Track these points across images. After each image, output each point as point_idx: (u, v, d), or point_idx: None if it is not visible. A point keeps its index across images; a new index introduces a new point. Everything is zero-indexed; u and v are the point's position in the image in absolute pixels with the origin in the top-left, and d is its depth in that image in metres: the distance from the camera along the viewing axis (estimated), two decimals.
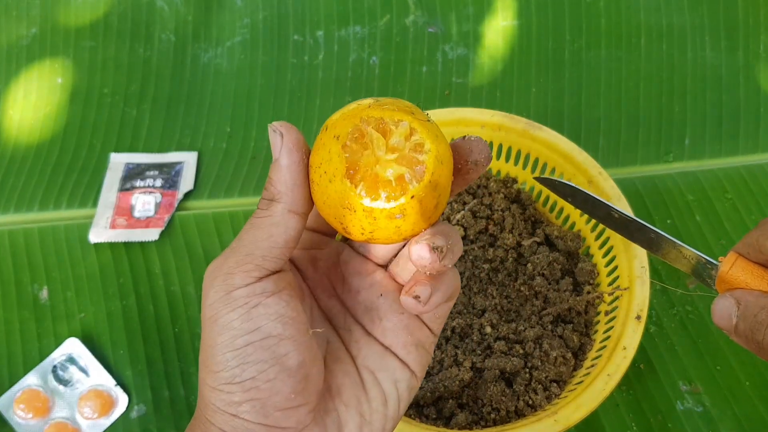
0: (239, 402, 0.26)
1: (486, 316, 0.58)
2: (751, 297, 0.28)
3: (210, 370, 0.26)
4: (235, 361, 0.26)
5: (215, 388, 0.26)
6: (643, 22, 0.80)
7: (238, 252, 0.27)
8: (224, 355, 0.26)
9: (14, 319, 0.65)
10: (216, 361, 0.26)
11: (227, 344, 0.26)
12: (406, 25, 0.81)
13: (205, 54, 0.80)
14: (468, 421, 0.53)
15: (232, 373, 0.26)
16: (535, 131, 0.60)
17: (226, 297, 0.26)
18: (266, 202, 0.27)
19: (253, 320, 0.26)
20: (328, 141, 0.26)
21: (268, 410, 0.26)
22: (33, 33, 0.80)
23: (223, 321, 0.26)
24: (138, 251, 0.68)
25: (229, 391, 0.26)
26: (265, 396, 0.26)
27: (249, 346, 0.26)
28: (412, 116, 0.26)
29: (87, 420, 0.60)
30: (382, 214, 0.25)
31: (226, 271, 0.27)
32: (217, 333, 0.27)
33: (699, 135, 0.77)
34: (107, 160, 0.74)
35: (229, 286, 0.26)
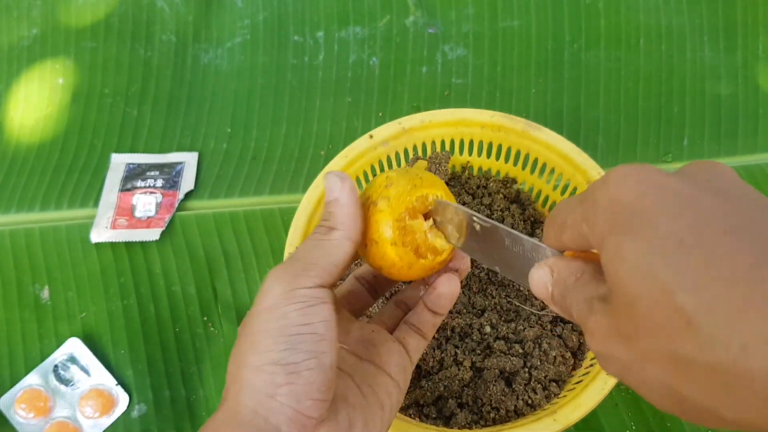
0: (280, 384, 0.29)
1: (486, 316, 0.58)
2: (562, 263, 0.28)
3: (257, 352, 0.30)
4: (285, 345, 0.30)
5: (260, 368, 0.30)
6: (642, 22, 0.80)
7: (302, 261, 0.32)
8: (276, 338, 0.30)
9: (15, 318, 0.65)
10: (266, 343, 0.30)
11: (281, 330, 0.30)
12: (406, 25, 0.81)
13: (205, 54, 0.80)
14: (468, 421, 0.54)
15: (280, 356, 0.30)
16: (535, 132, 0.60)
17: (290, 293, 0.31)
18: (326, 230, 0.34)
19: (307, 316, 0.30)
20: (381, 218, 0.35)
21: (302, 397, 0.29)
22: (34, 33, 0.80)
23: (282, 311, 0.30)
24: (139, 251, 0.68)
25: (273, 372, 0.29)
26: (302, 383, 0.29)
27: (299, 336, 0.30)
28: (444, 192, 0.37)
29: (88, 419, 0.61)
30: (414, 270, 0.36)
31: (293, 273, 0.31)
32: (273, 320, 0.30)
33: (698, 135, 0.77)
34: (108, 160, 0.75)
35: (293, 285, 0.31)
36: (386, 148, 0.62)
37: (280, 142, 0.76)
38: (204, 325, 0.65)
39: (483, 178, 0.66)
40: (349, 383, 0.34)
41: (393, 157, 0.63)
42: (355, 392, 0.33)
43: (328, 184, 0.35)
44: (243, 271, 0.68)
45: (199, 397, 0.62)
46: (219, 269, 0.68)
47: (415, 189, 0.36)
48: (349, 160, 0.60)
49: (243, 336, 0.31)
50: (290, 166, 0.75)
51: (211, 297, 0.66)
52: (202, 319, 0.65)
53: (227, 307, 0.66)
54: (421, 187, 0.36)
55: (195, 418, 0.61)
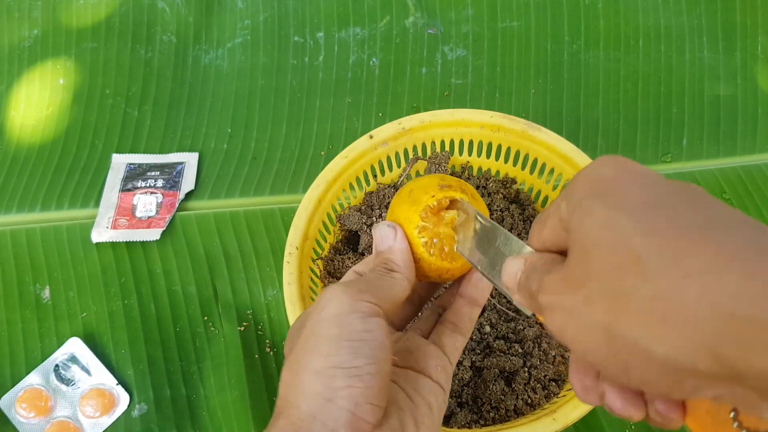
0: (340, 387, 0.30)
1: (485, 316, 0.58)
2: (536, 255, 0.30)
3: (319, 356, 0.31)
4: (348, 350, 0.31)
5: (320, 372, 0.31)
6: (641, 23, 0.80)
7: (365, 284, 0.35)
8: (339, 343, 0.31)
9: (17, 318, 0.65)
10: (329, 348, 0.31)
11: (344, 336, 0.31)
12: (405, 26, 0.81)
13: (206, 55, 0.80)
14: (467, 420, 0.54)
15: (342, 360, 0.31)
16: (534, 132, 0.60)
17: (353, 304, 0.32)
18: (386, 270, 0.37)
19: (369, 324, 0.32)
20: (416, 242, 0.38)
21: (360, 401, 0.30)
22: (35, 34, 0.81)
23: (345, 319, 0.32)
24: (139, 251, 0.69)
25: (333, 375, 0.30)
26: (362, 387, 0.31)
27: (361, 342, 0.31)
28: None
29: (89, 419, 0.61)
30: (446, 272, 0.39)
31: (356, 289, 0.33)
32: (335, 327, 0.32)
33: (697, 136, 0.77)
34: (109, 160, 0.75)
35: (357, 297, 0.33)
36: (386, 149, 0.62)
37: (280, 142, 0.77)
38: (204, 324, 0.65)
39: (483, 178, 0.66)
40: (396, 388, 0.35)
41: (393, 157, 0.64)
42: (402, 396, 0.34)
43: (382, 233, 0.38)
44: (243, 270, 0.68)
45: (199, 397, 0.62)
46: (219, 269, 0.68)
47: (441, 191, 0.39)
48: (349, 160, 0.60)
49: (301, 344, 0.32)
50: (290, 167, 0.75)
51: (212, 297, 0.66)
52: (202, 319, 0.65)
53: (228, 306, 0.66)
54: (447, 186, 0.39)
55: (196, 417, 0.61)
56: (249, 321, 0.65)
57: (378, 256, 0.38)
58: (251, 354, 0.63)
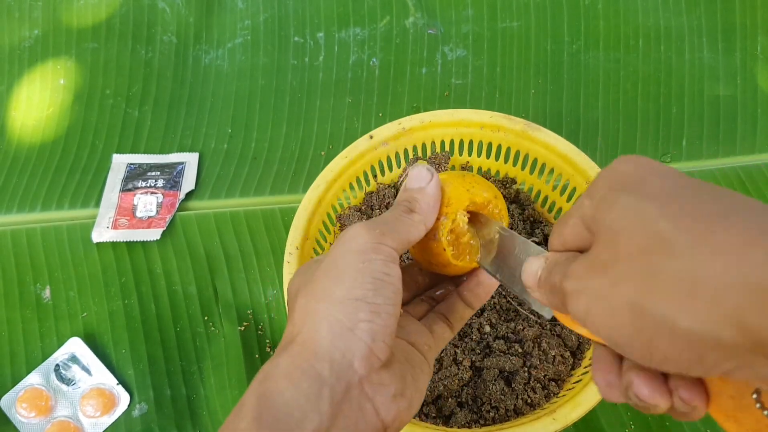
0: (362, 319, 0.31)
1: (485, 316, 0.58)
2: (557, 254, 0.31)
3: (345, 285, 0.32)
4: (372, 286, 0.32)
5: (343, 302, 0.31)
6: (641, 24, 0.80)
7: (386, 226, 0.35)
8: (364, 277, 0.32)
9: (17, 318, 0.65)
10: (354, 280, 0.32)
11: (369, 272, 0.32)
12: (405, 26, 0.81)
13: (206, 55, 0.81)
14: (467, 420, 0.54)
15: (366, 294, 0.32)
16: (534, 132, 0.60)
17: (377, 245, 0.33)
18: (407, 210, 0.36)
19: (389, 268, 0.33)
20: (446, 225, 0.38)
21: (377, 336, 0.31)
22: (35, 34, 0.81)
23: (370, 257, 0.33)
24: (140, 251, 0.69)
25: (356, 306, 0.31)
26: (381, 323, 0.31)
27: (383, 282, 0.32)
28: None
29: (89, 418, 0.61)
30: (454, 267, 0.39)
31: (379, 231, 0.34)
32: (361, 262, 0.32)
33: (696, 136, 0.77)
34: (109, 160, 0.75)
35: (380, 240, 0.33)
36: (386, 149, 0.62)
37: (280, 142, 0.77)
38: (205, 324, 0.65)
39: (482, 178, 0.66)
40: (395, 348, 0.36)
41: (393, 157, 0.64)
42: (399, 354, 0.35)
43: (418, 173, 0.37)
44: (244, 270, 0.68)
45: (200, 396, 0.62)
46: (220, 269, 0.68)
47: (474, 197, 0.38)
48: (349, 160, 0.60)
49: (322, 274, 0.33)
50: (291, 167, 0.75)
51: (212, 296, 0.66)
52: (202, 319, 0.65)
53: (228, 306, 0.66)
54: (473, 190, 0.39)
55: (196, 416, 0.61)
56: (249, 321, 0.65)
57: (404, 192, 0.38)
58: (251, 354, 0.63)
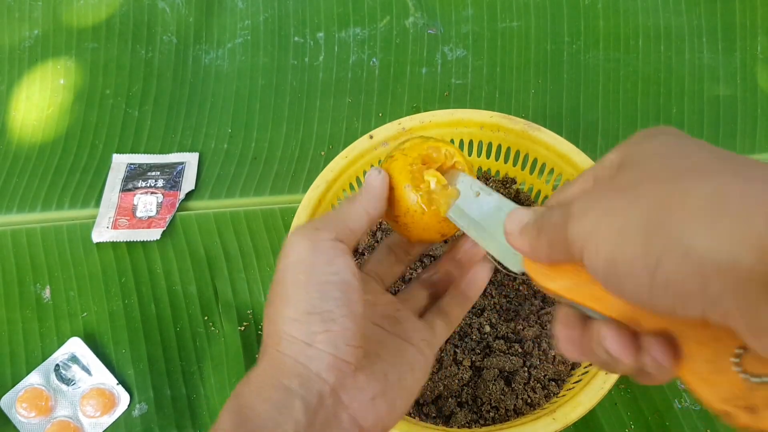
0: (317, 332, 0.31)
1: (485, 315, 0.58)
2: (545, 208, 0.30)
3: (291, 304, 0.32)
4: (318, 294, 0.31)
5: (296, 319, 0.31)
6: (641, 23, 0.80)
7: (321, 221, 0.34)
8: (307, 288, 0.31)
9: (17, 318, 0.65)
10: (299, 294, 0.32)
11: (311, 279, 0.32)
12: (405, 26, 0.81)
13: (206, 55, 0.81)
14: (467, 420, 0.54)
15: (313, 305, 0.31)
16: (534, 132, 0.60)
17: (314, 245, 0.32)
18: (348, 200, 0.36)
19: (334, 266, 0.32)
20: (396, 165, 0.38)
21: (339, 343, 0.31)
22: (36, 34, 0.81)
23: (309, 262, 0.32)
24: (140, 251, 0.69)
25: (308, 321, 0.31)
26: (338, 330, 0.31)
27: (329, 284, 0.32)
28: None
29: (89, 418, 0.61)
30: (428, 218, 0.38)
31: (312, 229, 0.33)
32: (302, 272, 0.32)
33: (696, 135, 0.77)
34: (109, 160, 0.75)
35: (315, 238, 0.33)
36: (386, 149, 0.62)
37: (280, 142, 0.77)
38: (205, 324, 0.65)
39: (482, 178, 0.66)
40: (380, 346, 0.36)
41: None
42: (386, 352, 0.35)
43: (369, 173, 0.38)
44: (244, 270, 0.68)
45: (200, 396, 0.62)
46: (220, 269, 0.68)
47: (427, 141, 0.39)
48: (349, 160, 0.60)
49: (274, 292, 0.33)
50: (291, 167, 0.75)
51: (212, 296, 0.66)
52: (202, 319, 0.65)
53: (228, 306, 0.66)
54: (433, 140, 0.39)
55: (196, 417, 0.61)
56: (249, 321, 0.65)
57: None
58: (251, 354, 0.64)
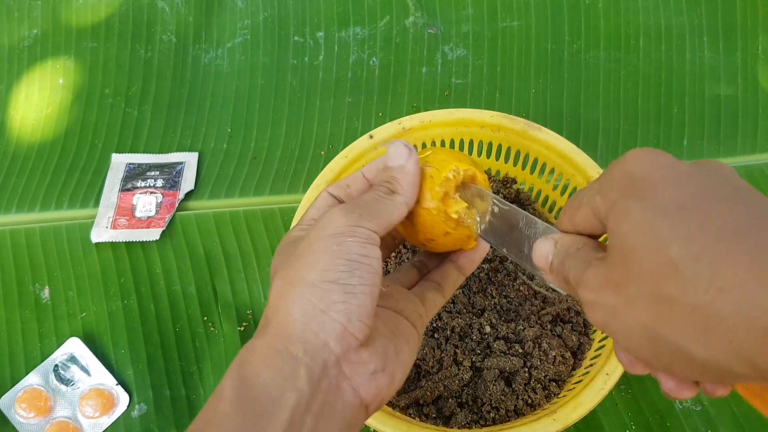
0: (335, 301, 0.31)
1: (485, 316, 0.58)
2: (566, 236, 0.32)
3: (317, 269, 0.32)
4: (345, 268, 0.32)
5: (316, 284, 0.32)
6: (641, 23, 0.80)
7: (365, 209, 0.35)
8: (338, 260, 0.32)
9: (16, 318, 0.65)
10: (328, 263, 0.32)
11: (343, 254, 0.32)
12: (406, 26, 0.81)
13: (205, 55, 0.80)
14: (467, 420, 0.54)
15: (339, 276, 0.32)
16: (534, 132, 0.60)
17: (353, 227, 0.33)
18: (388, 191, 0.36)
19: (367, 250, 0.33)
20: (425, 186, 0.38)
21: (353, 317, 0.32)
22: (35, 34, 0.81)
23: (345, 239, 0.33)
24: (139, 251, 0.69)
25: (330, 289, 0.32)
26: (356, 304, 0.32)
27: (359, 263, 0.32)
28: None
29: (88, 419, 0.61)
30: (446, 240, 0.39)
31: (357, 214, 0.34)
32: (336, 244, 0.33)
33: (697, 135, 0.77)
34: (108, 160, 0.75)
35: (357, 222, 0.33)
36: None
37: (280, 142, 0.77)
38: (204, 324, 0.65)
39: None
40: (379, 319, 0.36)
41: None
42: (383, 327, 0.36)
43: (396, 150, 0.37)
44: (243, 270, 0.68)
45: (199, 397, 0.62)
46: (219, 269, 0.68)
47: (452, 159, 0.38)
48: (349, 160, 0.60)
49: (297, 257, 0.33)
50: (290, 166, 0.75)
51: (212, 296, 0.66)
52: (202, 319, 0.65)
53: (227, 306, 0.66)
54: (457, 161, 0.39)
55: (195, 417, 0.61)
56: (249, 321, 0.65)
57: (384, 171, 0.37)
58: None
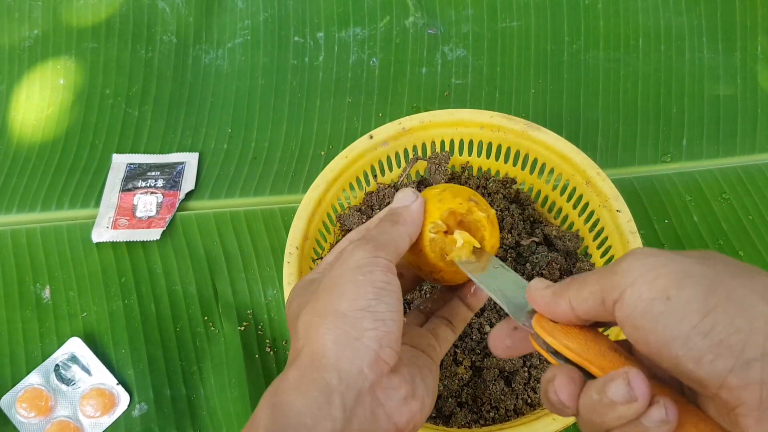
0: (367, 328, 0.32)
1: (485, 316, 0.58)
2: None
3: (347, 299, 0.33)
4: (373, 295, 0.33)
5: (347, 314, 0.33)
6: (641, 23, 0.80)
7: (378, 241, 0.36)
8: (365, 289, 0.33)
9: (17, 318, 0.65)
10: (356, 292, 0.33)
11: (370, 283, 0.33)
12: (405, 26, 0.81)
13: (206, 55, 0.81)
14: (467, 420, 0.54)
15: (368, 303, 0.33)
16: (534, 132, 0.60)
17: (374, 258, 0.34)
18: (392, 223, 0.39)
19: (389, 277, 0.34)
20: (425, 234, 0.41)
21: (383, 343, 0.32)
22: (35, 34, 0.81)
23: (369, 269, 0.34)
24: (140, 251, 0.69)
25: (361, 317, 0.32)
26: (385, 330, 0.33)
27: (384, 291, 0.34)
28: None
29: (89, 419, 0.61)
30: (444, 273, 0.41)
31: (373, 246, 0.35)
32: (361, 275, 0.34)
33: (696, 135, 0.77)
34: (109, 160, 0.75)
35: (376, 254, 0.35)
36: (386, 149, 0.62)
37: (280, 142, 0.77)
38: (205, 324, 0.65)
39: (483, 178, 0.66)
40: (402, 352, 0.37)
41: (393, 157, 0.64)
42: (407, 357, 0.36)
43: (405, 195, 0.40)
44: (243, 270, 0.68)
45: (199, 396, 0.62)
46: (220, 269, 0.68)
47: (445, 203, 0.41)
48: (349, 160, 0.60)
49: (324, 290, 0.34)
50: (291, 167, 0.75)
51: (212, 296, 0.66)
52: (202, 319, 0.65)
53: (228, 306, 0.66)
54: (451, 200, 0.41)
55: (196, 417, 0.61)
56: (249, 321, 0.65)
57: (389, 209, 0.40)
58: (251, 354, 0.63)
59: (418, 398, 0.34)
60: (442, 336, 0.40)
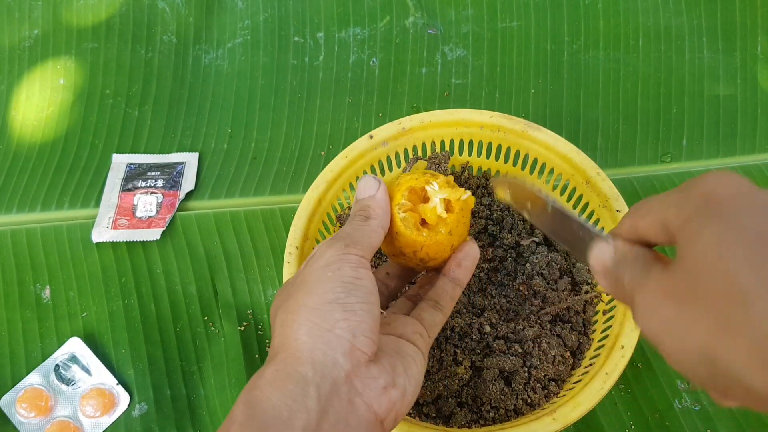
0: (338, 319, 0.33)
1: (485, 316, 0.58)
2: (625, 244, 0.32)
3: (316, 294, 0.34)
4: (341, 289, 0.34)
5: (317, 308, 0.34)
6: (641, 23, 0.80)
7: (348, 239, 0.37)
8: (334, 283, 0.34)
9: (17, 318, 0.65)
10: (325, 288, 0.34)
11: (338, 278, 0.35)
12: (405, 26, 0.81)
13: (206, 55, 0.81)
14: (467, 420, 0.54)
15: (337, 296, 0.34)
16: (534, 132, 0.60)
17: (343, 255, 0.36)
18: (363, 218, 0.40)
19: (359, 272, 0.35)
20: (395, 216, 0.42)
21: (357, 332, 0.33)
22: (35, 34, 0.81)
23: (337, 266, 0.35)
24: (140, 251, 0.69)
25: (331, 309, 0.33)
26: (357, 320, 0.34)
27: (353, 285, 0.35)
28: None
29: (89, 419, 0.61)
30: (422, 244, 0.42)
31: (343, 244, 0.36)
32: (330, 271, 0.35)
33: (696, 136, 0.77)
34: (109, 160, 0.75)
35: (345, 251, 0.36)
36: (386, 149, 0.62)
37: (280, 142, 0.77)
38: (205, 324, 0.65)
39: (483, 178, 0.66)
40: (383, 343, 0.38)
41: (393, 157, 0.64)
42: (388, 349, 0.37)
43: (366, 184, 0.41)
44: (243, 270, 0.68)
45: (199, 396, 0.62)
46: (220, 269, 0.68)
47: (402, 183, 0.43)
48: (349, 160, 0.60)
49: (296, 287, 0.35)
50: (291, 167, 0.75)
51: (212, 296, 0.66)
52: (202, 319, 0.65)
53: (228, 306, 0.66)
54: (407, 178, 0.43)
55: (196, 417, 0.61)
56: (249, 321, 0.65)
57: (356, 203, 0.41)
58: (251, 354, 0.63)
59: (399, 387, 0.34)
60: (428, 320, 0.41)
